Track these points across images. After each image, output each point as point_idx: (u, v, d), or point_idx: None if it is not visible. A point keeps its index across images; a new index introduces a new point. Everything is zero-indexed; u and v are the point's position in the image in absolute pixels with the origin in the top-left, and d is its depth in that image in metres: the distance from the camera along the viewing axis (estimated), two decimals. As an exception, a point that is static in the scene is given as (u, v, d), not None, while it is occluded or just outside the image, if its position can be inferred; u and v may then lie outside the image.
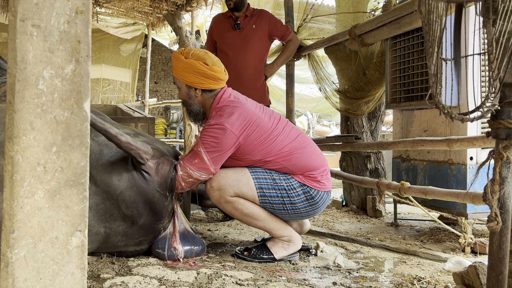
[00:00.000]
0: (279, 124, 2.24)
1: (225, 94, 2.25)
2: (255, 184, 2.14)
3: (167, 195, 2.11)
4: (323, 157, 2.31)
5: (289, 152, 2.19)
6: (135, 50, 10.78)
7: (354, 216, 3.56)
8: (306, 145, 2.25)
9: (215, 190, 2.15)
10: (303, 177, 2.19)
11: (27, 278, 1.03)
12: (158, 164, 2.11)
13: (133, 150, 2.00)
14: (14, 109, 1.02)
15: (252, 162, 2.20)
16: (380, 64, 3.27)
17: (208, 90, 2.24)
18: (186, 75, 2.21)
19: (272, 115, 2.27)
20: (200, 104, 2.29)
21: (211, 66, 2.20)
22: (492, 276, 0.90)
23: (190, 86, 2.25)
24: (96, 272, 1.91)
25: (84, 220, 1.09)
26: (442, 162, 2.79)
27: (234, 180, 2.14)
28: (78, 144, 1.08)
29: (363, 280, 1.94)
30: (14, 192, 1.02)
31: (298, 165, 2.19)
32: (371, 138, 3.80)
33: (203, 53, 2.22)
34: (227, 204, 2.15)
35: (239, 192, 2.14)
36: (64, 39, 1.06)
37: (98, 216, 2.00)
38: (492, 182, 0.83)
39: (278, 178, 2.18)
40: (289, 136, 2.23)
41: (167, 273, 1.93)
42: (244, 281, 1.86)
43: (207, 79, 2.20)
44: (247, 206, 2.16)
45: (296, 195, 2.17)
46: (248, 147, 2.16)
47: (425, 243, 2.67)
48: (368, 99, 3.52)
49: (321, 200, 2.22)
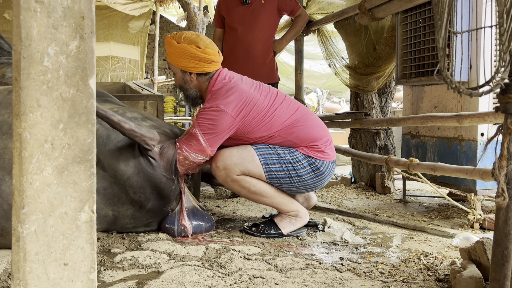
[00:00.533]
0: (276, 100, 2.22)
1: (220, 76, 2.22)
2: (260, 160, 2.15)
3: (174, 178, 2.13)
4: (325, 127, 2.32)
5: (290, 125, 2.19)
6: (143, 27, 10.71)
7: (363, 193, 3.57)
8: (307, 117, 2.25)
9: (221, 170, 2.16)
10: (307, 149, 2.19)
11: (38, 252, 1.05)
12: (162, 149, 2.11)
13: (138, 137, 2.00)
14: (20, 86, 1.02)
15: (255, 140, 2.20)
16: (391, 39, 3.21)
17: (203, 73, 2.22)
18: (179, 60, 2.19)
19: (269, 92, 2.25)
20: (196, 88, 2.27)
21: (204, 49, 2.16)
22: (498, 251, 0.90)
23: (185, 71, 2.22)
24: (107, 247, 1.95)
25: (92, 196, 1.10)
26: (452, 139, 2.76)
27: (239, 159, 2.14)
28: (84, 121, 1.09)
29: (370, 256, 1.95)
30: (23, 169, 1.03)
31: (301, 136, 2.19)
32: (381, 114, 3.77)
33: (195, 36, 2.18)
34: (234, 182, 2.17)
35: (245, 170, 2.15)
36: (67, 15, 1.06)
37: (106, 200, 2.02)
38: (500, 157, 0.82)
39: (283, 152, 2.18)
40: (288, 109, 2.22)
41: (176, 248, 1.96)
42: (251, 255, 1.89)
43: (200, 62, 2.17)
44: (254, 184, 2.17)
45: (301, 167, 2.18)
46: (247, 127, 2.15)
47: (433, 219, 2.67)
48: (378, 75, 3.47)
49: (327, 170, 2.23)
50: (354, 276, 1.70)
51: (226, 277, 1.65)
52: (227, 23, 3.49)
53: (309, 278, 1.66)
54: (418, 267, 1.79)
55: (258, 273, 1.68)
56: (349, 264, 1.82)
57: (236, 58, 3.38)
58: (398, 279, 1.66)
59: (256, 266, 1.76)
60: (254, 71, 3.33)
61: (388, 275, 1.70)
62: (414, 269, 1.76)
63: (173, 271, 1.68)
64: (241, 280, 1.61)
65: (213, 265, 1.76)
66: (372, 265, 1.82)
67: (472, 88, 0.81)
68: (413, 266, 1.80)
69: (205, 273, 1.66)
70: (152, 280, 1.60)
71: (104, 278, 1.62)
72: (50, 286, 1.06)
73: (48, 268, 1.06)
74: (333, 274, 1.71)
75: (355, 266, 1.81)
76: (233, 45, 3.41)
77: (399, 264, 1.83)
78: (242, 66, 3.32)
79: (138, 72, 10.52)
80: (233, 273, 1.68)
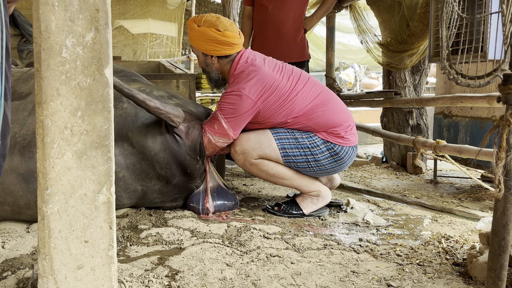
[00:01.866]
0: (298, 83, 2.22)
1: (242, 59, 2.23)
2: (278, 145, 2.17)
3: (198, 159, 2.20)
4: (347, 112, 2.29)
5: (310, 110, 2.19)
6: (181, 3, 10.77)
7: (393, 172, 3.53)
8: (328, 102, 2.23)
9: (239, 154, 2.21)
10: (326, 134, 2.19)
11: (61, 230, 1.14)
12: (188, 128, 2.18)
13: (163, 114, 2.07)
14: (41, 77, 1.10)
15: (274, 125, 2.22)
16: (425, 15, 3.10)
17: (223, 56, 2.24)
18: (200, 43, 2.22)
19: (292, 74, 2.24)
20: (218, 71, 2.30)
21: (224, 31, 2.18)
22: (495, 241, 0.89)
23: (206, 54, 2.26)
24: (135, 223, 2.06)
25: (110, 179, 1.18)
26: (485, 119, 2.67)
27: (256, 143, 2.18)
28: (101, 109, 1.15)
29: (390, 237, 1.96)
30: (45, 153, 1.12)
31: (320, 123, 2.19)
32: (414, 93, 3.67)
33: (215, 18, 2.19)
34: (252, 166, 2.22)
35: (263, 154, 2.19)
36: (83, 8, 1.11)
37: (135, 175, 2.12)
38: (499, 149, 0.81)
39: (301, 137, 2.19)
40: (309, 94, 2.21)
41: (199, 225, 2.04)
42: (271, 234, 1.94)
43: (221, 45, 2.19)
44: (271, 167, 2.21)
45: (319, 152, 2.19)
46: (267, 111, 2.17)
47: (463, 201, 2.63)
48: (411, 52, 3.37)
49: (346, 156, 2.22)
50: (370, 258, 1.72)
51: (244, 255, 1.71)
52: (257, 0, 3.46)
53: (325, 258, 1.70)
54: (437, 250, 1.79)
55: (275, 252, 1.74)
56: (367, 246, 1.84)
57: (266, 36, 3.36)
58: (414, 261, 1.67)
59: (274, 245, 1.81)
60: (285, 49, 3.32)
61: (405, 257, 1.71)
62: (432, 252, 1.76)
63: (194, 248, 1.76)
64: (258, 259, 1.67)
65: (233, 243, 1.83)
66: (390, 247, 1.83)
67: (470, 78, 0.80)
68: (432, 249, 1.80)
69: (224, 251, 1.73)
70: (174, 256, 1.69)
71: (130, 253, 1.73)
72: (73, 261, 1.15)
73: (71, 244, 1.15)
74: (349, 255, 1.74)
75: (373, 247, 1.83)
76: (263, 23, 3.39)
77: (418, 246, 1.83)
78: (272, 44, 3.31)
79: (175, 49, 10.65)
80: (251, 251, 1.74)
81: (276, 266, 1.61)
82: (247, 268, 1.58)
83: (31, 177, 1.92)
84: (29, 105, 2.10)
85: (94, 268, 1.17)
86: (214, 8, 14.15)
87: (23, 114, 2.06)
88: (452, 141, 2.98)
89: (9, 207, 1.99)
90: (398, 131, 3.60)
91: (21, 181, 1.93)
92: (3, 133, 0.96)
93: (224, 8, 5.65)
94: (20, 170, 1.93)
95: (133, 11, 10.62)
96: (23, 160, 1.93)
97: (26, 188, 1.94)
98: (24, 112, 2.07)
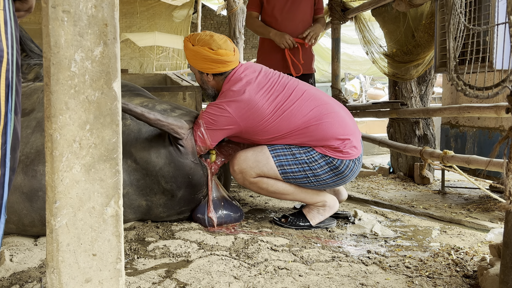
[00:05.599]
0: (288, 101, 2.18)
1: (235, 75, 2.24)
2: (275, 162, 2.17)
3: (200, 163, 2.20)
4: (345, 125, 2.21)
5: (303, 126, 2.16)
6: (187, 15, 10.87)
7: (401, 183, 3.51)
8: (324, 116, 2.18)
9: (238, 173, 2.22)
10: (324, 148, 2.17)
11: (70, 243, 1.14)
12: (188, 134, 2.19)
13: (165, 126, 2.07)
14: (50, 91, 1.11)
15: (266, 140, 2.22)
16: (430, 26, 3.11)
17: (218, 73, 2.26)
18: (196, 62, 2.25)
19: (283, 91, 2.21)
20: (214, 88, 2.33)
21: (217, 50, 2.19)
22: (507, 254, 0.88)
23: (202, 72, 2.28)
24: (142, 236, 2.06)
25: (118, 192, 1.18)
26: (492, 129, 2.66)
27: (253, 162, 2.18)
28: (109, 122, 1.16)
29: (399, 249, 1.94)
30: (54, 167, 1.12)
31: (315, 137, 2.17)
32: (420, 103, 3.67)
33: (209, 37, 2.21)
34: (252, 185, 2.22)
35: (260, 172, 2.19)
36: (92, 23, 1.13)
37: (139, 191, 2.12)
38: (509, 159, 0.80)
39: (298, 152, 2.18)
40: (303, 108, 2.18)
41: (206, 237, 2.04)
42: (279, 246, 1.93)
43: (214, 63, 2.21)
44: (271, 184, 2.21)
45: (318, 167, 2.17)
46: (252, 129, 2.18)
47: (471, 212, 2.60)
48: (417, 63, 3.38)
49: (347, 169, 2.19)
50: (379, 270, 1.70)
51: (252, 267, 1.70)
52: (266, 10, 3.47)
53: (334, 270, 1.69)
54: (447, 262, 1.77)
55: (283, 265, 1.73)
56: (376, 258, 1.83)
57: (273, 47, 3.38)
58: (424, 274, 1.65)
59: (282, 258, 1.80)
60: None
61: (414, 270, 1.69)
62: (442, 264, 1.74)
63: (201, 261, 1.75)
64: (266, 271, 1.66)
65: (240, 255, 1.82)
66: (399, 259, 1.82)
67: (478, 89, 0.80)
68: (441, 261, 1.78)
69: (231, 263, 1.73)
70: (181, 269, 1.68)
71: (137, 265, 1.73)
72: (81, 275, 1.15)
73: (79, 258, 1.15)
74: (358, 267, 1.72)
75: (382, 259, 1.81)
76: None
77: (427, 258, 1.81)
78: (280, 56, 3.33)
79: (181, 61, 10.73)
80: (259, 264, 1.73)
81: (284, 278, 1.60)
82: (255, 281, 1.57)
83: (35, 196, 1.92)
84: (32, 122, 2.09)
85: (102, 282, 1.17)
86: (219, 21, 14.28)
87: (27, 132, 2.04)
88: (459, 151, 2.96)
89: (14, 225, 1.99)
90: (405, 142, 3.58)
91: (24, 200, 1.93)
92: (13, 147, 0.96)
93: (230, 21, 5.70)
94: (24, 189, 1.93)
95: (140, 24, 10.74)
96: (26, 178, 1.93)
97: (30, 207, 1.94)
98: (27, 130, 2.05)
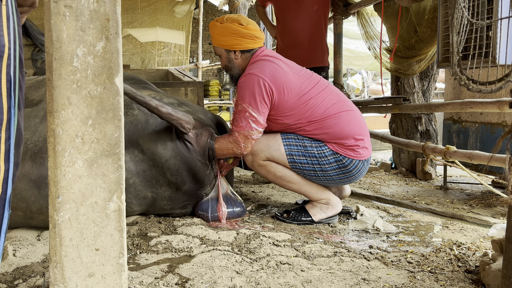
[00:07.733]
0: (314, 89, 2.21)
1: (263, 52, 2.29)
2: (286, 150, 2.18)
3: (208, 164, 2.20)
4: (361, 125, 2.24)
5: (321, 118, 2.18)
6: (188, 11, 10.85)
7: (403, 178, 3.51)
8: (342, 112, 2.21)
9: (248, 155, 2.23)
10: (336, 145, 2.18)
11: (72, 238, 1.15)
12: (197, 135, 2.19)
13: (175, 120, 2.09)
14: (52, 86, 1.11)
15: (285, 126, 2.22)
16: (433, 21, 3.09)
17: (246, 50, 2.28)
18: (223, 39, 2.27)
19: (309, 78, 2.25)
20: (240, 67, 2.33)
21: (246, 25, 2.25)
22: (509, 248, 0.88)
23: (229, 50, 2.30)
24: (144, 231, 2.07)
25: (120, 187, 1.18)
26: (495, 124, 2.65)
27: (265, 146, 2.20)
28: (111, 117, 1.16)
29: (400, 244, 1.95)
30: (57, 162, 1.12)
31: (330, 133, 2.17)
32: (422, 98, 3.66)
33: (237, 15, 2.29)
34: (260, 167, 2.23)
35: (270, 156, 2.20)
36: (94, 18, 1.12)
37: (145, 182, 2.13)
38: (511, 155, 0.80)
39: (310, 146, 2.19)
40: (324, 102, 2.20)
41: (208, 232, 2.04)
42: (281, 242, 1.93)
43: (244, 38, 2.25)
44: (279, 169, 2.22)
45: (327, 163, 2.18)
46: (280, 106, 2.17)
47: (474, 207, 2.60)
48: (419, 58, 3.36)
49: (356, 169, 2.20)
50: (381, 265, 1.71)
51: (254, 262, 1.71)
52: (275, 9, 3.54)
53: (336, 265, 1.69)
54: (449, 257, 1.77)
55: (285, 260, 1.73)
56: (378, 253, 1.83)
57: (284, 46, 3.45)
58: (426, 269, 1.65)
59: (284, 253, 1.81)
60: (302, 57, 3.34)
61: (416, 265, 1.69)
62: (444, 260, 1.74)
63: (203, 256, 1.76)
64: (268, 266, 1.67)
65: (242, 251, 1.82)
66: (401, 254, 1.82)
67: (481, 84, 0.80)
68: (443, 256, 1.78)
69: (233, 258, 1.73)
70: (183, 264, 1.68)
71: (139, 260, 1.73)
72: (84, 269, 1.16)
73: (82, 252, 1.16)
74: (360, 263, 1.72)
75: (384, 254, 1.81)
76: (282, 33, 3.48)
77: (429, 253, 1.81)
78: (291, 53, 3.35)
79: (183, 57, 10.72)
80: (261, 259, 1.73)
81: (286, 273, 1.60)
82: (257, 276, 1.58)
83: (43, 183, 1.94)
84: (41, 112, 2.13)
85: (105, 276, 1.18)
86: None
87: (35, 121, 2.09)
88: (461, 146, 2.96)
89: (22, 213, 2.01)
90: (407, 137, 3.58)
91: (32, 187, 1.96)
92: (17, 142, 0.97)
93: (232, 16, 5.68)
94: (32, 176, 1.95)
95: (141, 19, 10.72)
96: (34, 166, 1.96)
97: (38, 194, 1.96)
98: (35, 119, 2.10)
